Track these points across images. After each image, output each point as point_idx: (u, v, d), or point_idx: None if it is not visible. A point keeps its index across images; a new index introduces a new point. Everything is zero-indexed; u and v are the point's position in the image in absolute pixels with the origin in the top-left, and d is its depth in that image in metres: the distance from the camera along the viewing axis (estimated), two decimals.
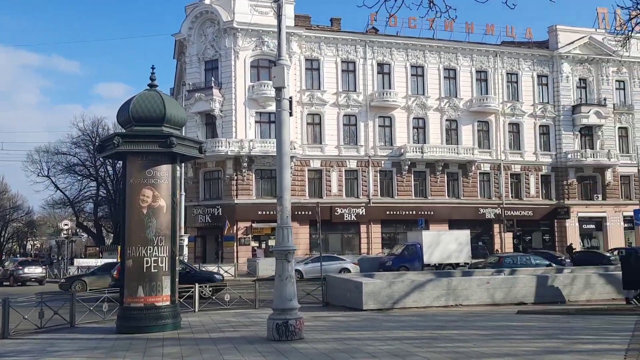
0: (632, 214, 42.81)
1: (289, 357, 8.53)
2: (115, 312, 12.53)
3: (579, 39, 44.82)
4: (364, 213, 38.46)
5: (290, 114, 11.30)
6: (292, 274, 10.58)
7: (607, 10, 46.54)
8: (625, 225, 44.70)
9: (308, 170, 38.23)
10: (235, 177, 36.49)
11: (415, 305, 15.55)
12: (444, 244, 31.57)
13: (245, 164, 36.21)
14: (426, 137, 40.69)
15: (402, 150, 39.42)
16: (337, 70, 39.51)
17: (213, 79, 37.35)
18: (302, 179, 37.72)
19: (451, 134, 41.62)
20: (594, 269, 20.56)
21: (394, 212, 39.11)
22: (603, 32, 45.29)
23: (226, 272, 30.58)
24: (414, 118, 40.73)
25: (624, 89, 46.53)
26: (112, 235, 66.07)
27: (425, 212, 39.14)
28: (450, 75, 42.22)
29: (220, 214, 35.98)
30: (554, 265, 26.59)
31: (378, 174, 39.54)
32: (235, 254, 35.87)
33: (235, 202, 36.15)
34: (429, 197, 40.09)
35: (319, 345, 9.51)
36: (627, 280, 15.31)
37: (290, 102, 11.28)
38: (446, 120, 41.45)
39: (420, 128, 41.00)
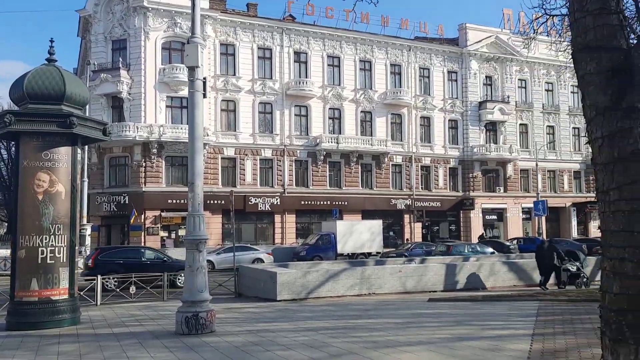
0: (530, 205, 45.75)
1: (199, 352, 8.05)
2: (5, 307, 11.38)
3: (486, 37, 46.86)
4: (279, 203, 38.13)
5: (204, 96, 10.71)
6: (204, 265, 10.06)
7: (512, 11, 49.12)
8: (524, 216, 47.55)
9: (221, 158, 37.27)
10: (144, 164, 34.85)
11: (329, 294, 15.47)
12: (358, 233, 31.98)
13: (154, 150, 34.66)
14: (341, 128, 40.96)
15: (318, 140, 39.42)
16: (253, 57, 38.73)
17: (121, 59, 35.34)
18: (215, 167, 36.73)
19: (366, 125, 42.16)
20: (498, 257, 21.51)
21: (309, 202, 39.08)
22: (508, 33, 47.69)
23: None
24: (329, 108, 40.84)
25: (525, 88, 49.24)
26: (6, 224, 61.31)
27: (340, 202, 39.46)
28: (366, 67, 42.69)
29: (127, 202, 34.26)
30: (496, 252, 27.95)
31: (293, 164, 39.31)
32: (142, 244, 34.31)
33: (144, 189, 34.54)
34: (344, 188, 40.45)
35: (231, 338, 9.09)
36: (540, 267, 17.20)
37: (204, 82, 10.68)
38: (361, 111, 41.92)
39: (335, 119, 41.19)
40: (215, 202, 34.25)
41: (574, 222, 49.51)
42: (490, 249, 28.94)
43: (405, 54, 44.04)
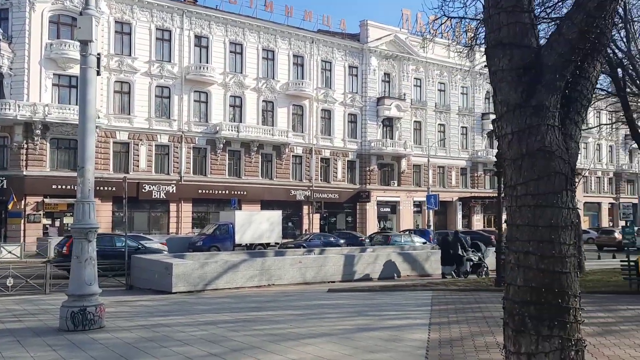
0: (421, 199, 47.92)
1: (86, 350, 7.42)
2: None
3: (386, 35, 48.20)
4: (175, 191, 36.78)
5: (98, 73, 9.90)
6: (93, 255, 9.34)
7: (410, 12, 51.01)
8: (415, 209, 49.71)
9: (113, 142, 35.24)
10: (26, 146, 32.08)
11: (228, 286, 15.10)
12: (257, 224, 31.66)
13: (38, 132, 31.99)
14: (242, 117, 40.28)
15: (218, 127, 38.47)
16: (150, 38, 36.91)
17: (2, 30, 32.20)
18: (107, 152, 34.63)
19: (267, 115, 41.79)
20: (393, 249, 22.16)
21: (207, 191, 38.09)
22: (407, 32, 49.47)
23: (10, 252, 26.83)
24: (231, 96, 39.99)
25: (420, 87, 51.32)
26: None
27: (239, 192, 38.88)
28: (269, 56, 42.27)
29: (5, 186, 31.36)
30: (428, 243, 29.71)
31: (191, 151, 38.08)
32: (22, 232, 31.65)
33: (25, 173, 31.79)
34: (243, 177, 39.86)
35: (122, 334, 8.50)
36: (444, 258, 18.36)
37: (98, 59, 9.87)
38: (263, 101, 41.48)
39: (237, 107, 40.42)
40: (106, 188, 32.32)
41: (460, 215, 52.45)
42: (423, 239, 31.76)
43: (308, 46, 44.14)
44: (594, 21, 4.24)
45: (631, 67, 19.66)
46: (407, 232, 37.15)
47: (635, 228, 18.99)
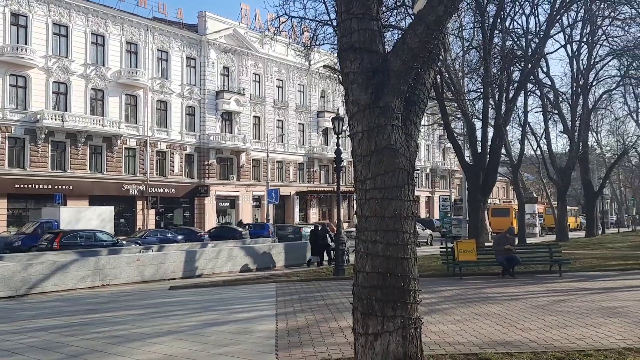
0: (260, 193, 48.59)
1: None
2: None
3: (225, 29, 47.78)
4: None
5: None
6: None
7: (249, 7, 51.25)
8: (254, 203, 50.17)
9: None
10: None
11: (56, 288, 13.95)
12: (86, 221, 29.43)
13: None
14: (68, 105, 37.04)
15: (39, 116, 34.89)
16: None
17: None
18: None
19: (97, 104, 38.96)
20: (234, 243, 22.21)
21: (25, 186, 34.37)
22: (246, 27, 49.59)
23: None
24: (54, 82, 36.54)
25: (259, 82, 51.79)
26: None
27: (64, 187, 35.71)
28: (99, 41, 39.40)
29: None
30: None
31: (7, 141, 34.05)
32: None
33: None
34: (69, 171, 36.71)
35: None
36: (312, 248, 20.39)
37: None
38: (92, 89, 38.56)
39: (61, 94, 37.05)
40: None
41: (297, 209, 54.12)
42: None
43: (142, 34, 42.04)
44: (432, 33, 4.75)
45: (447, 75, 22.04)
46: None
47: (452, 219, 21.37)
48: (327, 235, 20.28)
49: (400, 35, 4.93)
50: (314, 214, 55.38)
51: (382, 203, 4.79)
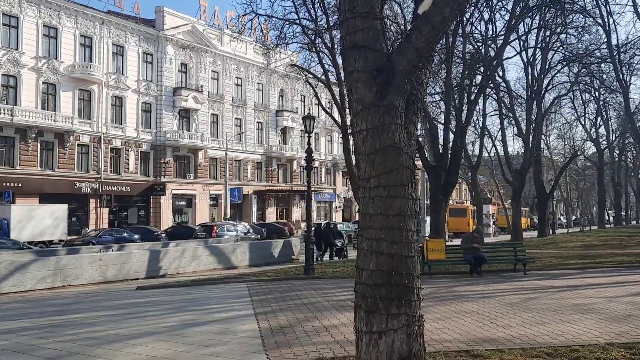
0: (218, 192, 48.10)
1: None
2: None
3: (183, 25, 46.96)
4: None
5: None
6: None
7: (208, 4, 50.53)
8: (211, 202, 49.54)
9: None
10: None
11: (15, 289, 13.38)
12: (38, 219, 28.39)
13: None
14: (18, 99, 35.56)
15: None
16: None
17: None
18: None
19: (49, 99, 37.55)
20: (197, 242, 21.87)
21: None
22: (204, 24, 48.92)
23: None
24: (3, 75, 34.98)
25: (218, 80, 51.14)
26: None
27: (12, 184, 34.24)
28: (51, 34, 37.99)
29: None
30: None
31: None
32: None
33: None
34: (18, 167, 35.25)
35: None
36: (316, 244, 20.66)
37: None
38: (43, 82, 37.15)
39: (11, 87, 35.53)
40: None
41: (255, 208, 53.75)
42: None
43: (97, 27, 40.80)
44: (438, 33, 4.81)
45: None
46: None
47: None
48: (331, 233, 21.98)
49: (404, 35, 4.93)
50: (271, 214, 55.15)
51: (386, 201, 4.81)
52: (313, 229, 18.80)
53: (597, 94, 42.54)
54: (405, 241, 4.81)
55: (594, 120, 49.22)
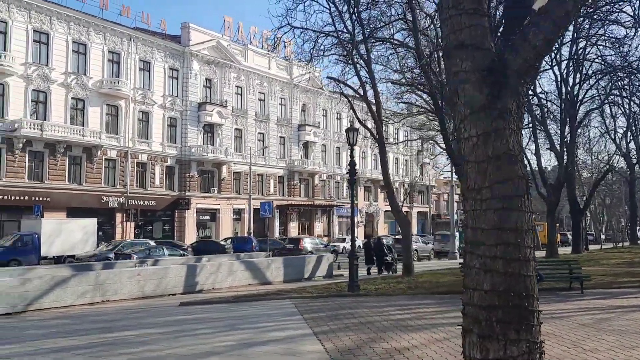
0: (241, 206, 47.91)
1: None
2: None
3: (208, 40, 47.16)
4: None
5: None
6: None
7: (232, 19, 50.83)
8: (235, 216, 49.29)
9: None
10: None
11: (55, 305, 13.09)
12: (68, 233, 28.25)
13: None
14: (47, 114, 35.80)
15: (17, 125, 33.59)
16: None
17: None
18: None
19: (77, 114, 37.78)
20: (229, 257, 21.51)
21: (0, 197, 32.96)
22: (228, 39, 49.11)
23: None
24: (33, 90, 35.29)
25: (241, 95, 51.17)
26: None
27: (41, 198, 34.30)
28: (80, 50, 38.33)
29: None
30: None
31: None
32: None
33: None
34: (46, 182, 35.38)
35: None
36: (366, 258, 22.32)
37: None
38: (72, 98, 37.39)
39: (41, 102, 35.81)
40: None
41: (277, 223, 53.37)
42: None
43: (125, 43, 41.12)
44: (559, 30, 4.41)
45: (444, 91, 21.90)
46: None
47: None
48: (383, 247, 22.64)
49: (519, 32, 4.53)
50: (293, 228, 54.72)
51: (501, 214, 4.38)
52: (362, 243, 18.43)
53: (628, 107, 41.67)
54: (524, 259, 4.37)
55: (623, 134, 48.28)
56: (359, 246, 23.98)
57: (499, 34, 4.78)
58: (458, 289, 14.02)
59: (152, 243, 30.26)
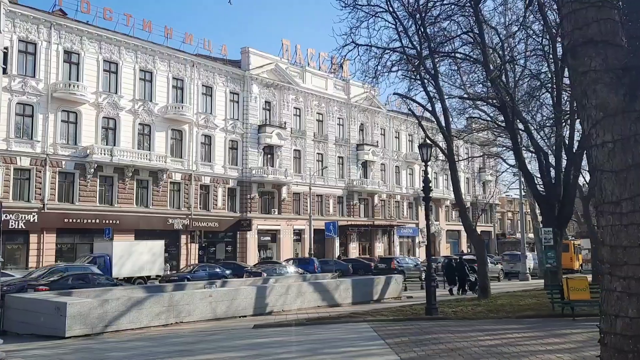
0: (301, 227, 47.85)
1: None
2: None
3: (267, 64, 47.91)
4: (36, 220, 32.54)
5: (4, 71, 8.00)
6: None
7: (290, 42, 51.45)
8: (295, 237, 49.30)
9: None
10: None
11: (131, 326, 13.15)
12: (137, 255, 28.91)
13: None
14: (117, 140, 37.13)
15: (89, 151, 34.99)
16: (12, 49, 32.45)
17: None
18: None
19: (144, 139, 39.02)
20: (301, 278, 21.30)
21: (74, 220, 34.20)
22: (287, 62, 49.73)
23: None
24: (104, 117, 36.73)
25: (300, 116, 51.56)
26: None
27: (110, 221, 35.40)
28: (147, 77, 39.71)
29: None
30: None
31: (57, 176, 34.09)
32: None
33: None
34: (116, 205, 36.55)
35: None
36: (448, 278, 23.37)
37: (5, 54, 7.98)
38: (139, 124, 38.69)
39: (110, 129, 37.20)
40: None
41: (337, 244, 52.98)
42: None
43: (188, 69, 42.33)
44: None
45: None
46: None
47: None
48: (465, 268, 22.75)
49: None
50: (354, 249, 54.16)
51: None
52: (441, 264, 17.91)
53: None
54: None
55: None
56: (437, 266, 23.89)
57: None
58: (546, 313, 13.27)
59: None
